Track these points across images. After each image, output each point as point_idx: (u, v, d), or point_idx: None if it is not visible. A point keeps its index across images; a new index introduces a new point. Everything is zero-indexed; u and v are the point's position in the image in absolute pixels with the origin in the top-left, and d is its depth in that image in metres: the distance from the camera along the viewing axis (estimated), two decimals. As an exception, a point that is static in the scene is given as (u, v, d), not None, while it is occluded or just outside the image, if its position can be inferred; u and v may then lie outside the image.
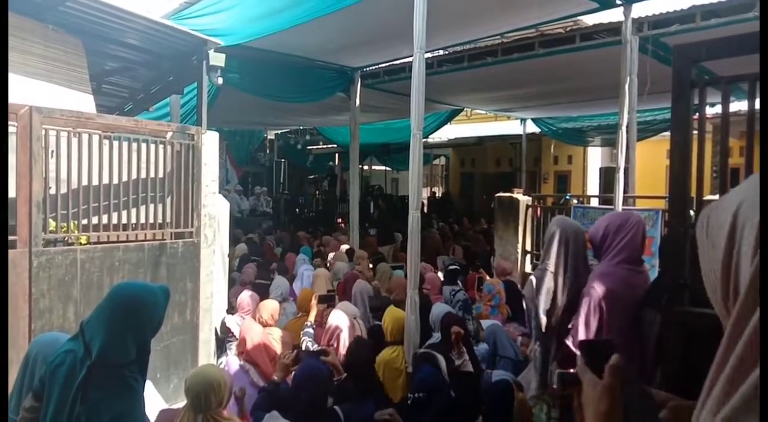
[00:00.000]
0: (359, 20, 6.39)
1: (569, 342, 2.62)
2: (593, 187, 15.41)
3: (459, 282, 6.42)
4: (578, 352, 1.13)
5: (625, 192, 6.35)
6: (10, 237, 3.60)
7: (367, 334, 4.90)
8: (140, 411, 2.09)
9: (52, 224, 3.85)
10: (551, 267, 2.82)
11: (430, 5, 4.39)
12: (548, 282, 2.81)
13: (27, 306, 3.65)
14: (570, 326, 2.67)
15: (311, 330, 4.15)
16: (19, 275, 3.62)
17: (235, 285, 6.22)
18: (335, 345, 4.13)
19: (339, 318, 4.30)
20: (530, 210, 7.94)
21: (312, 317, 4.27)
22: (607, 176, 12.72)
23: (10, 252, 3.60)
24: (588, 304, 2.59)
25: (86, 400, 1.93)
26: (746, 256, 0.69)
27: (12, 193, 3.61)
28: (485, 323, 5.09)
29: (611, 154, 14.38)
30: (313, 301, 4.40)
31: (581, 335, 2.56)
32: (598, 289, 2.59)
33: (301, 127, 16.71)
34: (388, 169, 19.66)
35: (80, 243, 4.04)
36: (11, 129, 3.59)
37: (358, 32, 6.93)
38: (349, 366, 3.03)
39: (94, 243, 4.13)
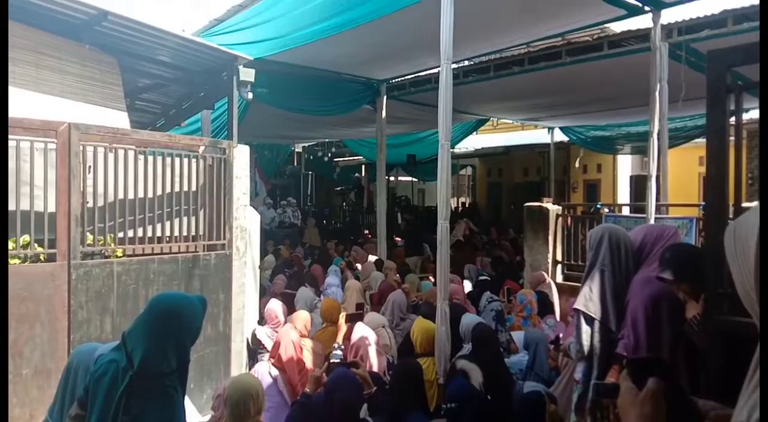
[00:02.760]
0: (385, 33, 6.45)
1: (621, 350, 2.61)
2: (624, 195, 15.17)
3: (489, 292, 6.38)
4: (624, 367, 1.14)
5: (657, 200, 6.24)
6: (49, 251, 3.71)
7: (397, 349, 4.89)
8: (181, 419, 2.12)
9: (89, 237, 3.95)
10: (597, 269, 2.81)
11: (456, 16, 4.41)
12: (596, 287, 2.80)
13: (66, 318, 3.74)
14: (620, 336, 2.66)
15: (340, 352, 4.11)
16: (58, 287, 3.71)
17: (265, 296, 6.27)
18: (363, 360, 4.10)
19: (363, 332, 4.27)
20: (560, 219, 7.84)
21: (340, 338, 4.23)
22: (639, 184, 12.53)
23: (50, 265, 3.70)
24: (634, 311, 2.59)
25: (129, 409, 1.98)
26: None
27: (51, 207, 3.73)
28: (518, 335, 5.02)
29: (641, 162, 14.15)
30: (341, 320, 4.37)
31: (632, 341, 2.54)
32: (641, 295, 2.59)
33: (328, 140, 16.87)
34: (414, 179, 19.67)
35: (116, 256, 4.14)
36: (51, 146, 3.71)
37: (383, 45, 6.99)
38: (399, 385, 3.01)
39: (130, 255, 4.22)
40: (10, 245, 3.58)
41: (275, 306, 5.10)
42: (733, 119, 2.04)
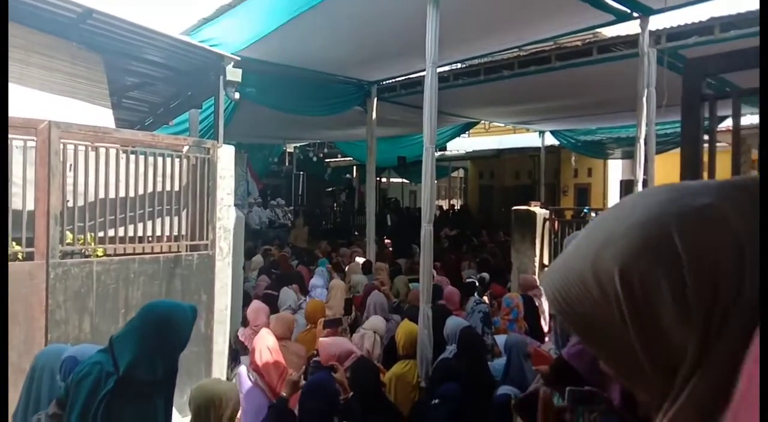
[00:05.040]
0: (375, 34, 6.44)
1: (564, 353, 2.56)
2: (614, 199, 15.21)
3: (476, 294, 6.39)
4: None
5: (644, 205, 6.26)
6: (28, 249, 3.67)
7: (384, 348, 4.86)
8: None
9: (69, 236, 3.91)
10: None
11: (445, 19, 4.40)
12: None
13: (44, 317, 3.71)
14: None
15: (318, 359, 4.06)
16: (36, 286, 3.68)
17: (249, 297, 6.24)
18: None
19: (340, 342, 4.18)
20: (547, 223, 7.86)
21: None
22: (628, 189, 12.56)
23: (28, 263, 3.67)
24: None
25: (108, 412, 1.96)
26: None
27: (30, 205, 3.69)
28: (502, 338, 5.01)
29: (632, 167, 14.21)
30: (319, 326, 4.32)
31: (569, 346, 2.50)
32: None
33: (319, 141, 16.86)
34: (405, 181, 19.69)
35: (97, 256, 4.10)
36: (30, 143, 3.67)
37: (374, 46, 6.98)
38: (354, 386, 3.01)
39: (111, 255, 4.19)
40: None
41: (258, 307, 5.07)
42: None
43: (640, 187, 6.11)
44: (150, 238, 4.47)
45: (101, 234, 4.13)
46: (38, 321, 3.69)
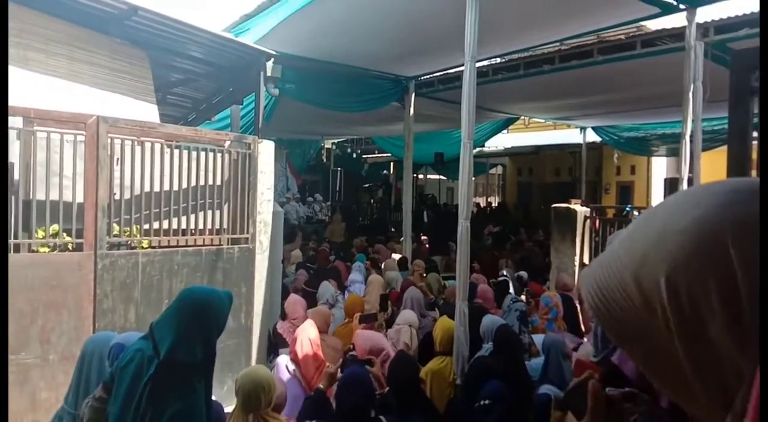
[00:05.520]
0: (414, 29, 6.42)
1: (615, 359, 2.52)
2: (658, 198, 14.80)
3: (512, 292, 6.33)
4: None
5: (689, 204, 6.07)
6: (77, 240, 3.81)
7: (419, 343, 4.87)
8: (199, 410, 2.17)
9: (116, 228, 4.04)
10: None
11: (485, 13, 4.35)
12: None
13: (92, 307, 3.84)
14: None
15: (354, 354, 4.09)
16: (85, 276, 3.81)
17: (288, 291, 6.33)
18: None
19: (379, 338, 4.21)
20: (588, 221, 7.71)
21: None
22: (673, 188, 12.21)
23: (77, 254, 3.81)
24: None
25: (152, 396, 2.04)
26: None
27: (80, 198, 3.83)
28: (540, 338, 4.95)
29: (678, 165, 13.80)
30: (355, 321, 4.36)
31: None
32: None
33: (357, 137, 16.93)
34: (442, 178, 19.59)
35: (142, 247, 4.23)
36: (80, 138, 3.81)
37: (412, 41, 6.96)
38: (392, 381, 3.03)
39: (155, 247, 4.31)
40: (40, 234, 3.70)
41: (296, 301, 5.14)
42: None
43: (685, 186, 5.94)
44: (193, 231, 4.57)
45: (146, 226, 4.25)
46: (86, 309, 3.83)
